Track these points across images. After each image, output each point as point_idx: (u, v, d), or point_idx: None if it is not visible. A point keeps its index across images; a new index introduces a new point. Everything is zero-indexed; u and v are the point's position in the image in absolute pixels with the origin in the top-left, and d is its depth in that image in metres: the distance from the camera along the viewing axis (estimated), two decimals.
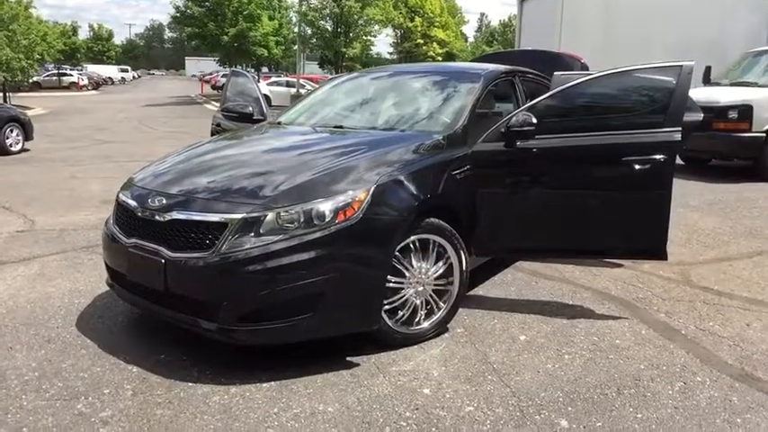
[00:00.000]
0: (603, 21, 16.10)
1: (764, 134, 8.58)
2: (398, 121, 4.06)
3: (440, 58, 47.34)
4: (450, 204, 3.44)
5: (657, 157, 3.45)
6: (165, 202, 3.05)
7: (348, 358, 3.08)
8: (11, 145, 10.92)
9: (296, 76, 30.71)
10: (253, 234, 2.79)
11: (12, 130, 10.98)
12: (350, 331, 3.05)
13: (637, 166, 3.47)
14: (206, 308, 2.85)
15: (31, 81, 34.52)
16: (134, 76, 73.40)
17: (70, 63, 55.30)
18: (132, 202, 3.20)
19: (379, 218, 2.97)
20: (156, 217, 3.01)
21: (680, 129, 3.48)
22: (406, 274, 3.18)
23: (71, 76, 44.63)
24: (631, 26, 15.86)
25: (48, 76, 42.46)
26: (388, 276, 3.05)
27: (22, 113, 11.69)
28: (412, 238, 3.16)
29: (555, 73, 5.05)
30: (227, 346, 3.01)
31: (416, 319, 3.27)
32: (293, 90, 26.83)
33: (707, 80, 10.00)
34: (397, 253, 3.09)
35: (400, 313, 3.20)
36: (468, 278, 3.52)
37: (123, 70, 68.53)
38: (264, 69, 45.87)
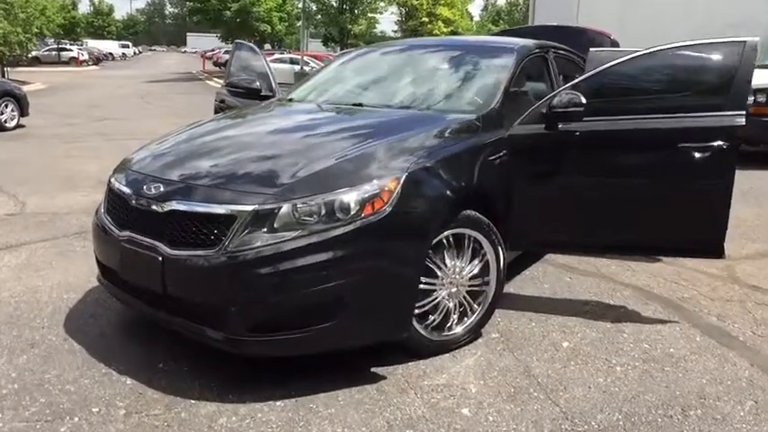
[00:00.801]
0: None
1: None
2: (424, 99, 3.63)
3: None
4: (487, 194, 3.05)
5: (718, 143, 3.06)
6: (162, 189, 2.64)
7: (373, 369, 2.71)
8: (5, 121, 10.46)
9: (300, 53, 30.01)
10: (265, 229, 2.39)
11: (6, 106, 10.52)
12: (377, 341, 2.66)
13: (694, 154, 3.09)
14: (211, 314, 2.46)
15: (30, 56, 33.91)
16: (135, 52, 72.34)
17: (70, 38, 54.42)
18: (126, 189, 2.80)
19: (412, 210, 2.58)
20: (153, 207, 2.60)
21: (743, 112, 3.09)
22: (439, 273, 2.79)
23: (71, 51, 43.71)
24: (652, 7, 15.29)
25: (47, 50, 41.63)
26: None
27: (17, 88, 11.22)
28: (446, 233, 2.77)
29: (591, 49, 4.61)
30: (235, 356, 2.62)
31: (448, 324, 2.90)
32: (297, 67, 26.21)
33: None
34: (429, 250, 2.71)
35: (431, 318, 2.82)
36: (505, 276, 3.15)
37: (124, 46, 67.55)
38: (267, 46, 45.02)
